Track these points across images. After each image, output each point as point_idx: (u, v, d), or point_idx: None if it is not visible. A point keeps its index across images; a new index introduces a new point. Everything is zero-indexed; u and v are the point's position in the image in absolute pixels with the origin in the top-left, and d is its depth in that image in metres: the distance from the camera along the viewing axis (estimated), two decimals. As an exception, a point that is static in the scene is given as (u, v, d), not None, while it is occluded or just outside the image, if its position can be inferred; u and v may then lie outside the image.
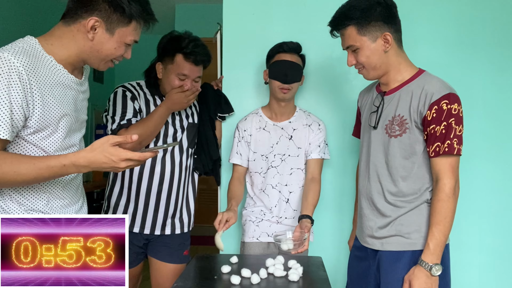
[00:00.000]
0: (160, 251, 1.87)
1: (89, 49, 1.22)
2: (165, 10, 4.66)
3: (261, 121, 1.92)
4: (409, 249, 1.42)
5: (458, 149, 1.34)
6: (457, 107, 1.35)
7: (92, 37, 1.20)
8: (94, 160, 1.12)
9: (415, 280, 1.34)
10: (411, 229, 1.43)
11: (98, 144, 1.13)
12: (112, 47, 1.23)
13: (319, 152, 1.88)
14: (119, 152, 1.12)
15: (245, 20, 2.10)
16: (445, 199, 1.34)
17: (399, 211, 1.45)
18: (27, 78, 1.10)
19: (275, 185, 1.88)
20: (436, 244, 1.34)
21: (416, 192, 1.43)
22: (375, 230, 1.50)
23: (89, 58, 1.24)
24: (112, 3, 1.18)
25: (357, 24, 1.41)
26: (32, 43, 1.18)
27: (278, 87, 1.81)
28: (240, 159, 1.91)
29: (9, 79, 1.07)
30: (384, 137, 1.47)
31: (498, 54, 2.01)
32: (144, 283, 2.45)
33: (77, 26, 1.19)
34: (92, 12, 1.18)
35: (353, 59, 1.48)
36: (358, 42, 1.43)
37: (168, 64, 1.77)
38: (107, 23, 1.20)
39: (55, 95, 1.19)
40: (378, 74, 1.48)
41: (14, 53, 1.10)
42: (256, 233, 1.89)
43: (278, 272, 1.45)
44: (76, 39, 1.20)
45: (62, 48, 1.20)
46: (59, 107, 1.19)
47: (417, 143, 1.42)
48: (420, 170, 1.43)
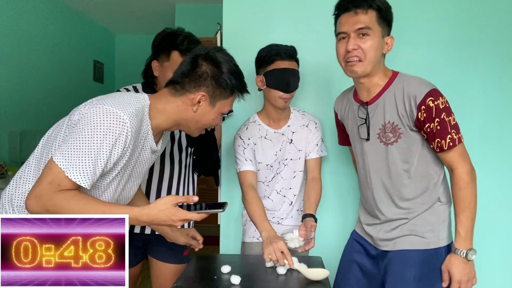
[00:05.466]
0: (160, 252, 1.87)
1: (190, 119, 1.33)
2: (165, 10, 4.66)
3: (261, 130, 1.87)
4: (421, 248, 1.43)
5: (459, 138, 1.37)
6: (442, 100, 1.36)
7: (196, 109, 1.31)
8: (156, 218, 1.19)
9: (454, 268, 1.36)
10: (426, 228, 1.44)
11: (162, 203, 1.19)
12: (211, 118, 1.35)
13: (317, 151, 1.88)
14: (181, 213, 1.20)
15: (245, 20, 2.10)
16: (465, 186, 1.37)
17: (413, 213, 1.46)
18: (129, 141, 1.20)
19: (279, 190, 1.87)
20: (466, 231, 1.36)
21: (425, 190, 1.44)
22: (384, 234, 1.50)
23: (186, 126, 1.36)
24: (217, 80, 1.30)
25: (380, 12, 1.41)
26: (145, 107, 1.27)
27: (279, 97, 1.75)
28: (251, 164, 1.82)
29: (117, 138, 1.16)
30: (380, 146, 1.47)
31: (498, 54, 2.01)
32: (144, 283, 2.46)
33: (183, 98, 1.31)
34: (199, 88, 1.30)
35: (356, 44, 1.39)
36: (373, 27, 1.39)
37: (164, 61, 1.77)
38: (211, 97, 1.31)
39: (135, 155, 1.29)
40: (368, 70, 1.42)
41: (129, 116, 1.18)
42: (256, 233, 1.89)
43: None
44: (179, 109, 1.31)
45: (163, 115, 1.31)
46: (132, 164, 1.31)
47: (415, 143, 1.42)
48: (422, 168, 1.44)
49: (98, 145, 1.13)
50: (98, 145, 1.13)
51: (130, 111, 1.19)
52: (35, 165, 1.27)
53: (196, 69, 1.30)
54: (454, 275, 1.36)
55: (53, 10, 4.48)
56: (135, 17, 5.07)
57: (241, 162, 1.83)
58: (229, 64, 1.33)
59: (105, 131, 1.14)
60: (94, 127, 1.14)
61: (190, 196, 1.23)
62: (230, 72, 1.32)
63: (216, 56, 1.32)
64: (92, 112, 1.16)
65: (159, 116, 1.30)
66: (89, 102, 1.23)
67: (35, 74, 4.16)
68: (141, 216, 1.18)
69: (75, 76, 4.94)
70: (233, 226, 2.12)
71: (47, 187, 1.11)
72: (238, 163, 1.84)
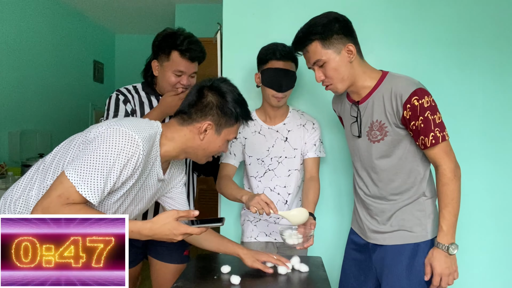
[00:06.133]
0: (160, 251, 1.87)
1: (197, 147, 1.38)
2: (165, 10, 4.67)
3: (256, 124, 1.91)
4: (411, 242, 1.48)
5: (443, 136, 1.40)
6: (427, 99, 1.40)
7: (203, 137, 1.37)
8: (158, 232, 1.22)
9: (435, 261, 1.41)
10: (413, 223, 1.50)
11: (164, 218, 1.22)
12: (217, 145, 1.40)
13: (315, 151, 1.88)
14: (182, 228, 1.23)
15: (245, 20, 2.10)
16: (448, 182, 1.41)
17: (396, 205, 1.52)
18: (139, 164, 1.24)
19: (273, 187, 1.88)
20: (448, 225, 1.40)
21: (412, 185, 1.50)
22: (376, 226, 1.56)
23: (194, 153, 1.41)
24: (222, 109, 1.36)
25: (321, 39, 1.46)
26: (157, 134, 1.33)
27: (272, 95, 1.80)
28: (233, 159, 1.89)
29: (129, 159, 1.20)
30: (368, 144, 1.54)
31: (498, 54, 2.01)
32: (144, 283, 2.46)
33: (191, 127, 1.36)
34: (206, 117, 1.36)
35: (321, 75, 1.51)
36: (324, 55, 1.47)
37: (164, 61, 1.77)
38: (216, 126, 1.37)
39: (142, 179, 1.33)
40: (346, 85, 1.52)
41: (143, 140, 1.23)
42: (254, 232, 1.89)
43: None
44: (187, 138, 1.37)
45: (172, 142, 1.36)
46: (137, 188, 1.34)
47: (401, 140, 1.48)
48: (409, 164, 1.50)
49: (111, 164, 1.17)
50: (111, 164, 1.17)
51: (144, 135, 1.24)
52: (42, 174, 1.28)
53: (202, 99, 1.36)
54: (435, 268, 1.40)
55: (53, 10, 4.49)
56: (135, 17, 5.07)
57: (225, 154, 1.90)
58: (233, 94, 1.39)
59: (119, 151, 1.18)
60: (109, 146, 1.18)
61: (191, 210, 1.27)
62: (235, 101, 1.38)
63: (220, 87, 1.38)
64: (109, 132, 1.20)
65: (168, 143, 1.36)
66: (106, 122, 1.28)
67: (35, 74, 4.17)
68: (143, 230, 1.21)
69: (75, 76, 4.94)
70: (233, 226, 2.12)
71: (56, 199, 1.13)
72: (222, 154, 1.91)
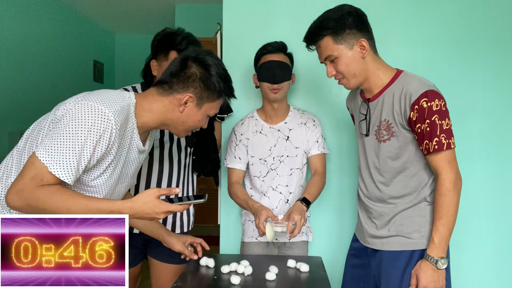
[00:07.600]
0: (160, 252, 1.87)
1: (176, 119, 1.33)
2: (165, 10, 4.66)
3: (257, 124, 1.92)
4: (409, 249, 1.43)
5: (448, 143, 1.34)
6: (438, 103, 1.34)
7: (182, 110, 1.32)
8: (139, 211, 1.19)
9: (421, 273, 1.35)
10: (412, 229, 1.44)
11: (145, 196, 1.20)
12: (197, 119, 1.36)
13: (318, 147, 1.89)
14: (163, 206, 1.20)
15: (245, 20, 2.10)
16: (446, 193, 1.34)
17: (396, 209, 1.47)
18: (114, 139, 1.19)
19: (275, 187, 1.88)
20: (440, 238, 1.34)
21: (414, 190, 1.45)
22: (374, 230, 1.52)
23: (173, 126, 1.36)
24: (205, 82, 1.31)
25: (332, 34, 1.43)
26: (131, 105, 1.27)
27: (268, 88, 1.81)
28: (240, 163, 1.90)
29: (101, 135, 1.16)
30: (375, 143, 1.50)
31: (498, 54, 2.01)
32: (144, 283, 2.45)
33: (170, 98, 1.31)
34: (187, 89, 1.31)
35: (332, 70, 1.48)
36: (335, 51, 1.44)
37: (163, 61, 1.77)
38: (198, 99, 1.32)
39: (123, 155, 1.29)
40: (359, 81, 1.48)
41: (114, 113, 1.18)
42: (255, 233, 1.89)
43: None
44: (166, 109, 1.31)
45: (150, 114, 1.31)
46: (120, 165, 1.30)
47: (407, 143, 1.43)
48: (414, 168, 1.44)
49: (82, 141, 1.13)
50: (82, 141, 1.13)
51: (115, 108, 1.18)
52: (17, 159, 1.26)
53: (185, 70, 1.31)
54: (420, 281, 1.35)
55: (53, 10, 4.48)
56: (135, 17, 5.07)
57: (230, 158, 1.91)
58: (218, 68, 1.34)
59: (90, 128, 1.14)
60: (78, 123, 1.13)
61: (172, 188, 1.24)
62: (219, 75, 1.33)
63: (205, 59, 1.33)
64: (77, 108, 1.15)
65: (145, 114, 1.31)
66: (74, 98, 1.22)
67: (35, 74, 4.16)
68: (124, 209, 1.17)
69: (75, 76, 4.93)
70: (233, 226, 2.12)
71: (29, 182, 1.10)
72: (227, 158, 1.93)
